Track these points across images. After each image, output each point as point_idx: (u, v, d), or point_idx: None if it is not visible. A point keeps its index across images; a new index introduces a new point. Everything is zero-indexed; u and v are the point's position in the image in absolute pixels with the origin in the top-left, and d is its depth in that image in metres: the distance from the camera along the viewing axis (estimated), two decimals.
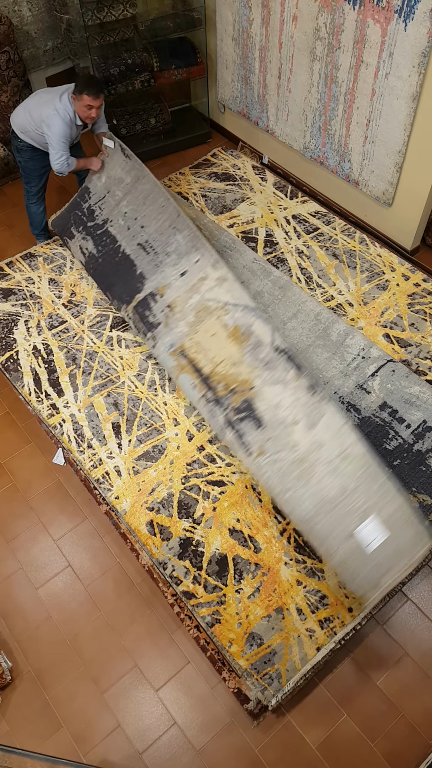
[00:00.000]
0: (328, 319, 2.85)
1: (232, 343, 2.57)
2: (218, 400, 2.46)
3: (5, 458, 2.73)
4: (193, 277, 2.79)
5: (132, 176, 3.11)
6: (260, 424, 2.35)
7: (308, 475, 2.18)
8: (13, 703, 2.15)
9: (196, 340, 2.64)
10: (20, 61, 3.78)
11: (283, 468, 2.23)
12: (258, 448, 2.30)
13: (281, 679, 2.01)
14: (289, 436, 2.28)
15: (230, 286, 2.71)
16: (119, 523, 2.43)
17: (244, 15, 3.34)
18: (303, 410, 2.32)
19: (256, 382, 2.45)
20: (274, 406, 2.37)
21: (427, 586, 2.31)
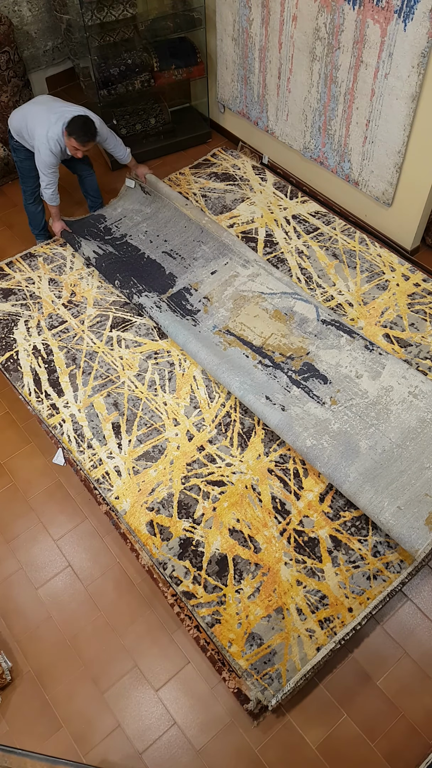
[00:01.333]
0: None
1: (277, 322, 2.76)
2: (277, 365, 2.64)
3: (5, 458, 2.73)
4: (225, 275, 2.98)
5: (152, 208, 3.19)
6: (326, 380, 2.59)
7: (386, 413, 2.48)
8: (13, 703, 2.15)
9: (239, 321, 2.81)
10: (20, 61, 3.78)
11: (359, 411, 2.49)
12: (330, 399, 2.53)
13: (281, 679, 2.01)
14: (357, 387, 2.56)
15: (263, 279, 2.92)
16: (119, 523, 2.43)
17: (244, 15, 3.34)
18: (363, 366, 2.63)
19: (310, 348, 2.70)
20: (334, 366, 2.64)
21: (427, 586, 2.31)
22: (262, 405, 2.52)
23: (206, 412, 2.65)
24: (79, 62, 4.02)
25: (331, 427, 2.45)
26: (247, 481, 2.45)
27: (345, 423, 2.46)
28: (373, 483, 2.29)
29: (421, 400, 2.49)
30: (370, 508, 2.25)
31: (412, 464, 2.34)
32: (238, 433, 2.58)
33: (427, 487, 2.28)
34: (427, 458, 2.35)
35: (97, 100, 3.74)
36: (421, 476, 2.31)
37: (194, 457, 2.52)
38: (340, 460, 2.35)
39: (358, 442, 2.41)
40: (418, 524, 2.18)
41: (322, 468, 2.36)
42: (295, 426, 2.46)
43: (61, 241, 3.41)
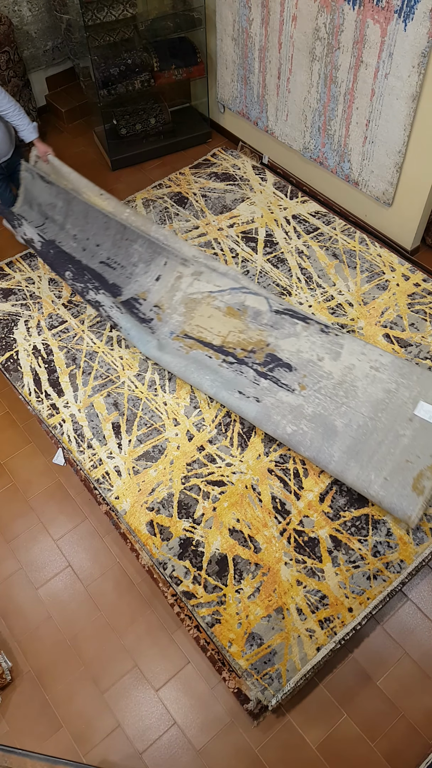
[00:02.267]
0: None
1: (232, 318, 2.77)
2: (241, 360, 2.66)
3: (5, 458, 2.73)
4: (169, 278, 2.94)
5: (62, 199, 3.03)
6: (291, 368, 2.63)
7: (353, 390, 2.54)
8: (13, 703, 2.15)
9: (195, 324, 2.80)
10: (20, 61, 3.78)
11: (328, 392, 2.54)
12: (299, 385, 2.57)
13: (281, 679, 2.01)
14: (321, 369, 2.61)
15: (208, 277, 2.91)
16: (119, 523, 2.43)
17: (243, 15, 3.34)
18: (323, 348, 2.68)
19: (269, 340, 2.72)
20: (295, 352, 2.67)
21: (427, 586, 2.31)
22: (236, 400, 2.55)
23: (206, 412, 2.65)
24: (79, 62, 4.02)
25: (305, 411, 2.50)
26: (247, 481, 2.45)
27: (318, 405, 2.51)
28: (356, 459, 2.35)
29: (383, 372, 2.59)
30: (358, 483, 2.30)
31: (388, 434, 2.41)
32: (238, 433, 2.58)
33: (406, 454, 2.34)
34: (400, 425, 2.43)
35: (97, 100, 3.74)
36: (398, 444, 2.38)
37: (194, 457, 2.52)
38: (322, 442, 2.39)
39: (334, 421, 2.46)
40: (406, 491, 2.25)
41: (306, 452, 2.41)
42: (273, 415, 2.49)
43: None
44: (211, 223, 3.43)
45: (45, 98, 4.33)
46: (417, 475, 2.28)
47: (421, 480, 2.27)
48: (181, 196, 3.60)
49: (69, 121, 4.30)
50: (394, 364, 2.61)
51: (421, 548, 2.26)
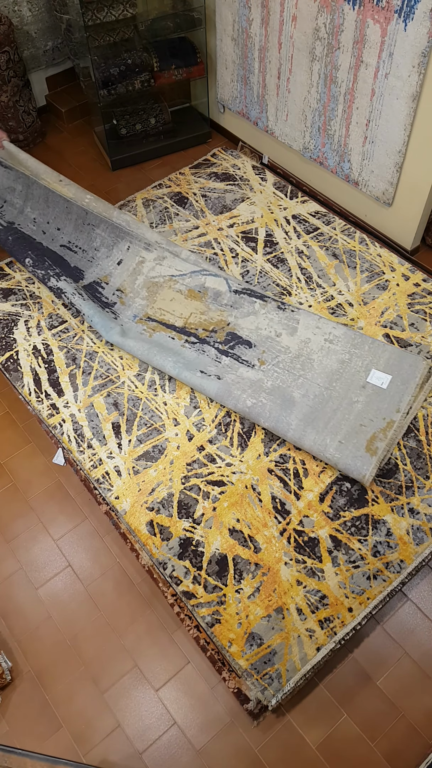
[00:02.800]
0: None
1: (194, 300, 2.87)
2: (203, 340, 2.80)
3: (5, 458, 2.73)
4: (131, 263, 3.01)
5: (21, 183, 3.06)
6: (251, 345, 2.76)
7: (309, 363, 2.69)
8: (13, 703, 2.15)
9: (158, 307, 2.89)
10: (20, 61, 3.78)
11: (286, 366, 2.68)
12: (258, 360, 2.70)
13: (281, 679, 2.01)
14: (279, 345, 2.75)
15: (170, 262, 2.99)
16: (119, 523, 2.43)
17: (243, 15, 3.34)
18: (280, 324, 2.82)
19: (230, 319, 2.85)
20: (254, 330, 2.81)
21: (427, 586, 2.31)
22: (198, 378, 2.62)
23: (206, 412, 2.65)
24: (79, 62, 4.02)
25: (264, 385, 2.61)
26: (247, 481, 2.45)
27: (276, 379, 2.63)
28: (313, 426, 2.47)
29: (337, 344, 2.74)
30: (315, 447, 2.43)
31: (342, 401, 2.55)
32: (238, 433, 2.58)
33: (360, 419, 2.49)
34: (353, 393, 2.58)
35: (97, 100, 3.74)
36: (352, 410, 2.52)
37: (194, 457, 2.52)
38: (280, 412, 2.51)
39: (292, 393, 2.58)
40: (360, 453, 2.39)
41: (265, 423, 2.51)
42: (234, 390, 2.59)
43: None
44: (211, 223, 3.43)
45: (45, 98, 4.33)
46: (370, 437, 2.43)
47: (374, 442, 2.42)
48: (181, 196, 3.60)
49: (69, 121, 4.30)
50: (347, 336, 2.76)
51: (421, 548, 2.26)
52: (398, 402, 2.53)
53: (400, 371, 2.61)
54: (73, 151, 4.13)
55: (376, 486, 2.42)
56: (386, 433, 2.44)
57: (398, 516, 2.34)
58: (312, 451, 2.44)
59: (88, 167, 4.02)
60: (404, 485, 2.42)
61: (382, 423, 2.47)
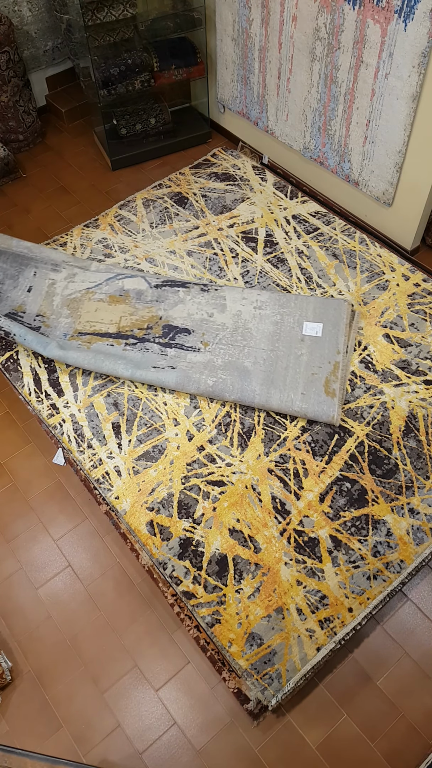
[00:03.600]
0: None
1: (118, 305, 2.91)
2: (142, 339, 2.83)
3: (5, 458, 2.73)
4: (42, 287, 3.01)
5: None
6: (189, 332, 2.84)
7: (248, 332, 2.83)
8: (13, 703, 2.15)
9: (85, 321, 2.90)
10: (20, 61, 3.78)
11: (229, 341, 2.80)
12: (201, 343, 2.79)
13: (281, 679, 2.01)
14: (215, 324, 2.86)
15: (82, 277, 3.04)
16: (119, 523, 2.43)
17: (243, 15, 3.34)
18: (209, 305, 2.93)
19: (160, 313, 2.91)
20: (187, 317, 2.89)
21: (427, 586, 2.31)
22: (153, 373, 2.66)
23: (206, 412, 2.65)
24: (79, 62, 4.02)
25: (216, 363, 2.71)
26: (247, 481, 2.45)
27: (224, 355, 2.74)
28: (274, 386, 2.62)
29: (266, 308, 2.89)
30: (284, 405, 2.58)
31: (289, 358, 2.72)
32: (238, 433, 2.58)
33: (310, 368, 2.68)
34: (296, 347, 2.75)
35: (97, 100, 3.74)
36: (300, 363, 2.70)
37: (194, 457, 2.52)
38: (242, 383, 2.63)
39: (243, 363, 2.70)
40: (322, 398, 2.57)
41: (230, 396, 2.61)
42: (192, 375, 2.66)
43: (61, 240, 3.41)
44: (211, 223, 3.43)
45: (45, 98, 4.33)
46: (324, 382, 2.63)
47: (330, 385, 2.62)
48: (181, 196, 3.60)
49: (69, 121, 4.30)
50: (272, 299, 2.92)
51: (421, 548, 2.26)
52: (336, 344, 2.75)
53: (328, 317, 2.83)
54: (73, 151, 4.13)
55: (376, 486, 2.42)
56: (336, 374, 2.65)
57: (398, 516, 2.34)
58: (281, 410, 2.59)
59: (88, 167, 4.02)
60: (404, 485, 2.42)
61: (330, 366, 2.67)
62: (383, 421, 2.59)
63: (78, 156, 4.10)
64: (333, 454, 2.51)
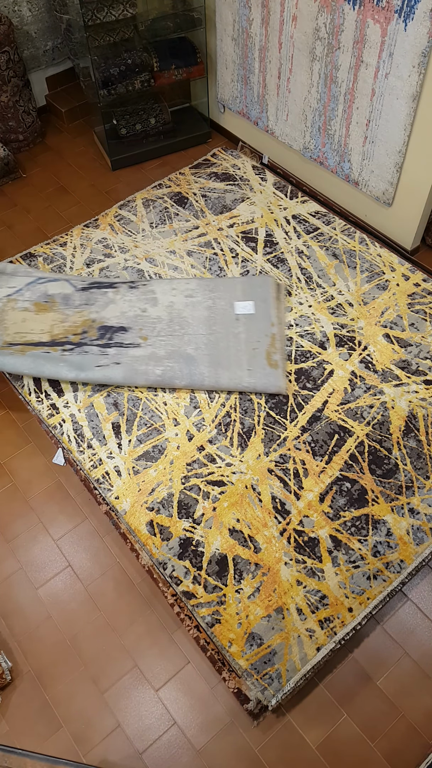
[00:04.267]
0: None
1: (46, 313, 2.87)
2: (78, 344, 2.77)
3: (5, 458, 2.73)
4: None
5: None
6: (125, 329, 2.83)
7: (184, 321, 2.87)
8: (13, 703, 2.15)
9: (13, 331, 2.83)
10: (20, 61, 3.78)
11: (167, 332, 2.82)
12: (140, 338, 2.79)
13: (281, 679, 2.01)
14: (150, 317, 2.87)
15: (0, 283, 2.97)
16: (119, 523, 2.43)
17: (243, 15, 3.34)
18: (140, 301, 2.94)
19: (92, 316, 2.88)
20: (120, 315, 2.88)
21: (427, 586, 2.31)
22: (99, 372, 2.66)
23: (206, 412, 2.65)
24: (79, 62, 4.02)
25: (159, 354, 2.73)
26: (247, 481, 2.45)
27: (166, 346, 2.76)
28: (221, 366, 2.69)
29: (196, 295, 2.95)
30: (233, 383, 2.64)
31: (228, 338, 2.79)
32: (238, 433, 2.58)
33: (250, 344, 2.76)
34: (232, 327, 2.83)
35: (97, 100, 3.74)
36: (239, 341, 2.78)
37: (194, 457, 2.52)
38: (189, 368, 2.68)
39: (186, 350, 2.74)
40: (267, 370, 2.65)
41: (181, 382, 2.65)
42: (138, 367, 2.67)
43: (61, 240, 3.41)
44: (211, 223, 3.43)
45: (45, 98, 4.33)
46: (266, 354, 2.71)
47: (271, 356, 2.70)
48: (181, 196, 3.60)
49: (69, 121, 4.30)
50: (201, 285, 2.98)
51: (421, 548, 2.26)
52: (269, 318, 2.85)
53: (257, 294, 2.94)
54: (73, 151, 4.13)
55: (376, 486, 2.42)
56: (275, 345, 2.75)
57: (398, 516, 2.34)
58: (231, 388, 2.65)
59: (88, 167, 4.02)
60: (404, 485, 2.42)
61: (267, 339, 2.77)
62: (383, 421, 2.59)
63: (78, 156, 4.10)
64: (333, 454, 2.51)
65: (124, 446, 2.56)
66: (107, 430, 2.61)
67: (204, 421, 2.62)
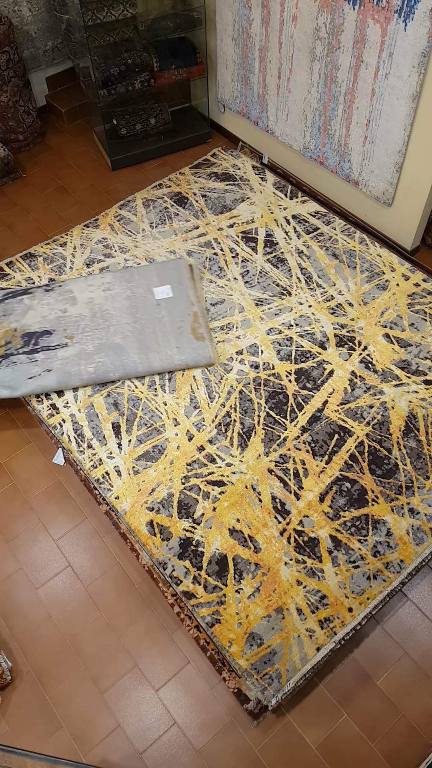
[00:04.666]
0: None
1: None
2: (4, 355, 2.79)
3: (5, 458, 2.73)
4: None
5: None
6: (50, 332, 2.86)
7: (107, 314, 2.92)
8: (13, 703, 2.15)
9: None
10: (20, 61, 3.78)
11: (91, 326, 2.87)
12: (66, 338, 2.83)
13: (281, 679, 2.01)
14: (72, 317, 2.92)
15: None
16: (119, 523, 2.43)
17: (243, 15, 3.34)
18: (58, 302, 2.98)
19: (13, 325, 2.90)
20: (41, 320, 2.91)
21: (427, 586, 2.31)
22: (33, 383, 2.67)
23: (206, 412, 2.65)
24: (79, 62, 4.02)
25: (88, 350, 2.78)
26: (247, 481, 2.45)
27: (93, 341, 2.80)
28: (151, 351, 2.76)
29: (114, 288, 3.01)
30: (165, 364, 2.73)
31: (153, 323, 2.86)
32: (238, 433, 2.58)
33: (174, 325, 2.85)
34: (155, 312, 2.91)
35: (97, 100, 3.74)
36: (163, 323, 2.86)
37: (194, 457, 2.52)
38: (121, 359, 2.74)
39: (114, 341, 2.80)
40: (195, 344, 2.76)
41: (115, 374, 2.71)
42: (71, 368, 2.72)
43: (61, 240, 3.41)
44: (211, 223, 3.43)
45: (45, 98, 4.33)
46: (191, 330, 2.82)
47: (197, 331, 2.82)
48: (181, 196, 3.60)
49: (69, 121, 4.30)
50: (117, 277, 3.06)
51: (421, 548, 2.26)
52: (188, 298, 2.95)
53: (173, 278, 3.04)
54: (73, 151, 4.13)
55: (376, 486, 2.42)
56: (198, 321, 2.86)
57: (398, 516, 2.34)
58: (164, 369, 2.74)
59: (88, 167, 4.02)
60: (404, 485, 2.42)
61: (190, 317, 2.87)
62: (383, 421, 2.60)
63: (78, 156, 4.10)
64: (333, 454, 2.51)
65: (124, 446, 2.56)
66: (107, 430, 2.61)
67: (204, 421, 2.62)
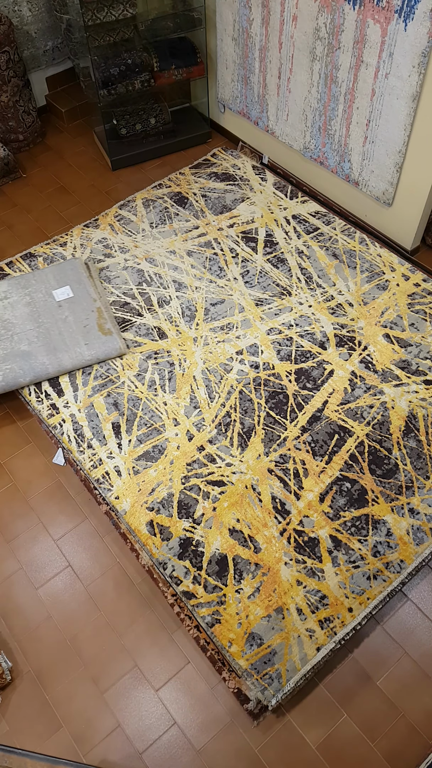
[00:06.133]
0: None
1: None
2: None
3: (5, 458, 2.73)
4: None
5: None
6: None
7: (8, 323, 2.93)
8: (13, 703, 2.15)
9: None
10: (20, 61, 3.78)
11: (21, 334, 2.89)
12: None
13: (281, 679, 2.01)
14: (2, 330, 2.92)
15: None
16: (119, 523, 2.43)
17: (244, 15, 3.34)
18: None
19: None
20: None
21: (427, 586, 2.31)
22: None
23: (206, 412, 2.65)
24: (79, 62, 4.02)
25: None
26: (247, 481, 2.45)
27: (30, 345, 2.83)
28: (60, 351, 2.80)
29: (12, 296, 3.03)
30: (76, 361, 2.78)
31: (58, 325, 2.90)
32: (238, 433, 2.58)
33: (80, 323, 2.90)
34: (58, 314, 2.95)
35: (97, 100, 3.74)
36: (68, 324, 2.91)
37: (194, 457, 2.52)
38: (29, 363, 2.76)
39: (20, 348, 2.82)
40: (103, 338, 2.82)
41: (25, 379, 2.74)
42: None
43: (61, 240, 3.41)
44: (211, 223, 3.43)
45: (45, 98, 4.33)
46: (98, 326, 2.87)
47: (103, 326, 2.87)
48: (181, 196, 3.60)
49: (69, 121, 4.30)
50: (12, 284, 3.08)
51: (421, 548, 2.26)
52: (89, 295, 3.01)
53: (70, 278, 3.09)
54: (73, 151, 4.13)
55: (376, 486, 2.42)
56: (103, 317, 2.92)
57: (398, 516, 2.34)
58: (76, 366, 2.78)
59: (88, 167, 4.02)
60: (404, 485, 2.42)
61: (95, 314, 2.93)
62: (383, 421, 2.60)
63: (78, 156, 4.10)
64: (333, 454, 2.51)
65: (124, 446, 2.56)
66: (107, 430, 2.61)
67: (204, 421, 2.62)
